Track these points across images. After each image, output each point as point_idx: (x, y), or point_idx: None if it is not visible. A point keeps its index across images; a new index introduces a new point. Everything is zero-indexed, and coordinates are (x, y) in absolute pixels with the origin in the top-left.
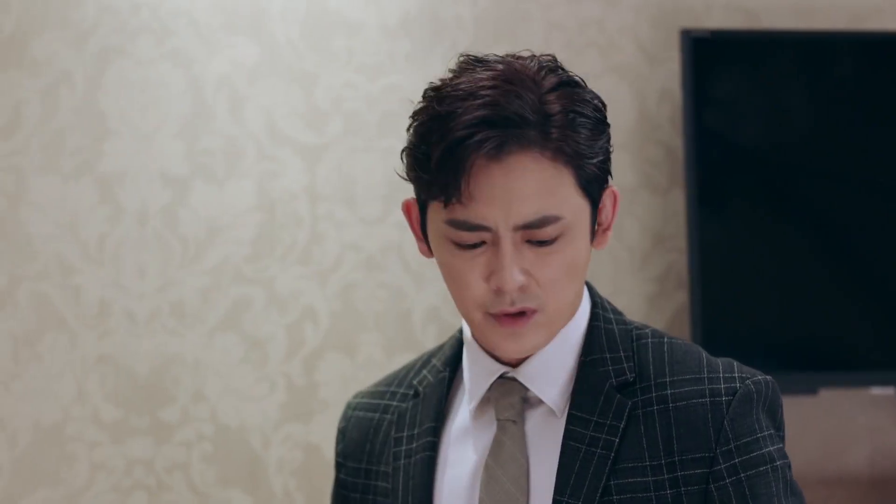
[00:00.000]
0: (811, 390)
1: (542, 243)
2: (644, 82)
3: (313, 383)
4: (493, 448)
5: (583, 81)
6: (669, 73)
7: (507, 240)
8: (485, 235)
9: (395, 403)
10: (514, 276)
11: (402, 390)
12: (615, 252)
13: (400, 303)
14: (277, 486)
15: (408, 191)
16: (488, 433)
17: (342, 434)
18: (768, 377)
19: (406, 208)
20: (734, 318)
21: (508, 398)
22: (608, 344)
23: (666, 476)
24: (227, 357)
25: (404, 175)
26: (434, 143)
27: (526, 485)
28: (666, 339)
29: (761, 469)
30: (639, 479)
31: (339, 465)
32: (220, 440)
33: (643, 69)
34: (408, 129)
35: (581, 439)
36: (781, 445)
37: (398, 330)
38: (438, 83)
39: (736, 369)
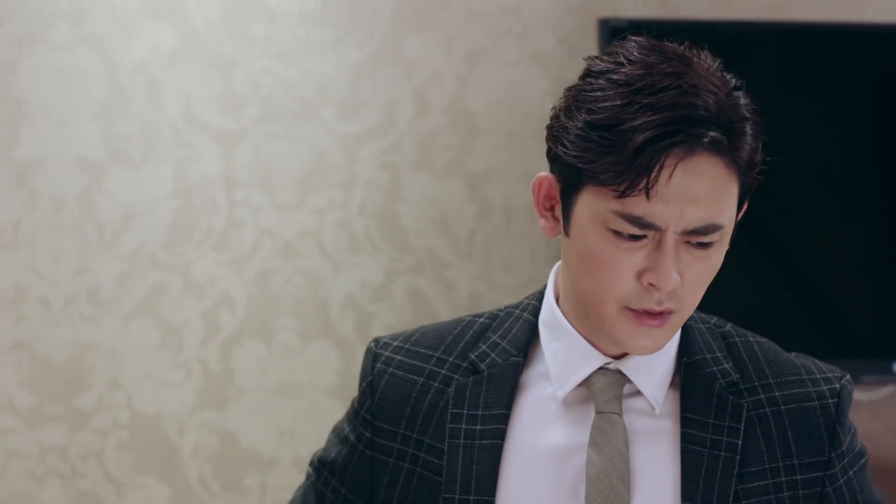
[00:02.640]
0: None
1: (700, 246)
2: (562, 71)
3: (229, 370)
4: (596, 440)
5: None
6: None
7: (671, 240)
8: (650, 232)
9: (443, 372)
10: (673, 277)
11: (452, 359)
12: (531, 241)
13: (317, 289)
14: (192, 472)
15: (326, 178)
16: (582, 423)
17: (371, 388)
18: (847, 374)
19: (538, 184)
20: None
21: (612, 390)
22: (704, 344)
23: (784, 479)
24: (143, 343)
25: (560, 152)
26: (626, 133)
27: (629, 482)
28: (750, 337)
29: (861, 463)
30: (761, 483)
31: (366, 423)
32: (135, 427)
33: (561, 58)
34: (571, 105)
35: (701, 443)
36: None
37: (315, 316)
38: (608, 63)
39: (825, 369)
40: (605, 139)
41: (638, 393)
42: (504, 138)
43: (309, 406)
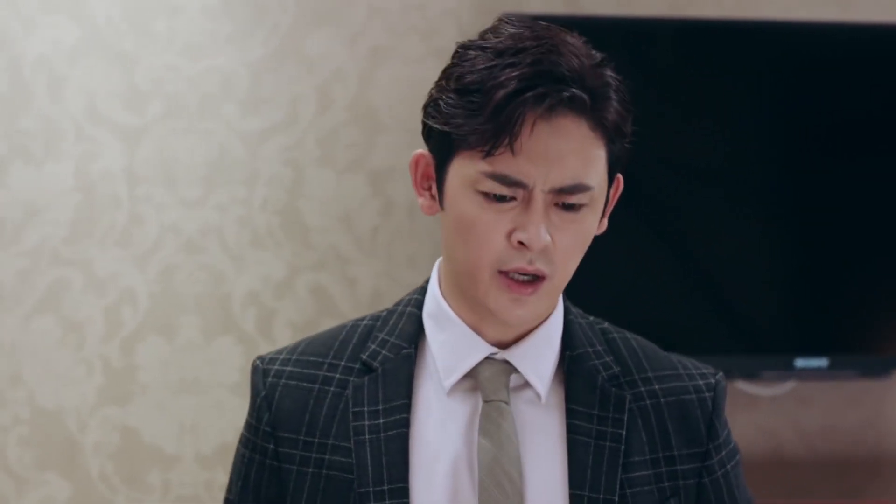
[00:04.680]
0: None
1: (568, 208)
2: None
3: (131, 366)
4: (485, 428)
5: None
6: None
7: (540, 200)
8: (518, 192)
9: (338, 376)
10: (542, 234)
11: (344, 363)
12: (434, 237)
13: (219, 286)
14: (94, 469)
15: (228, 175)
16: (469, 412)
17: (267, 402)
18: (721, 371)
19: (415, 161)
20: None
21: (500, 379)
22: (586, 338)
23: (664, 469)
24: (45, 340)
25: (432, 124)
26: (489, 92)
27: (521, 468)
28: (627, 334)
29: (736, 458)
30: (644, 473)
31: (267, 435)
32: (36, 423)
33: None
34: (442, 80)
35: (587, 433)
36: None
37: (217, 313)
38: (479, 39)
39: (700, 365)
40: (471, 102)
41: (525, 385)
42: (407, 135)
43: (211, 402)
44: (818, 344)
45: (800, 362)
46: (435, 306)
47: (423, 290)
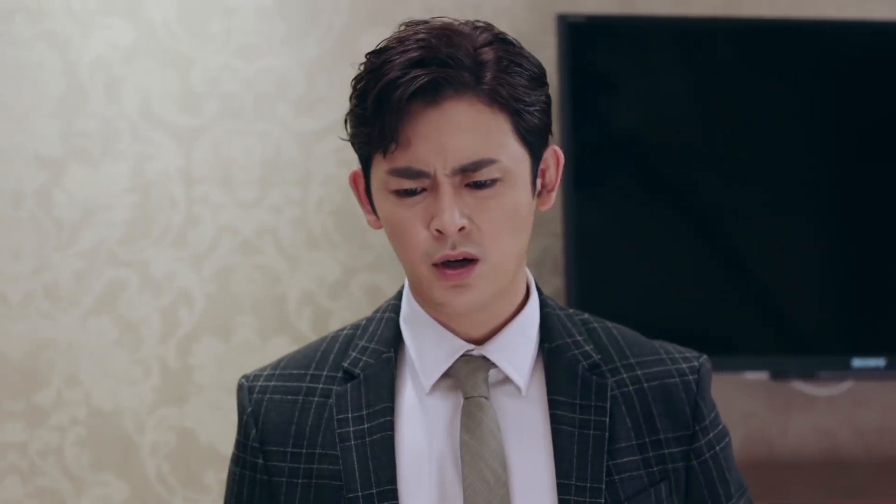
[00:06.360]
0: None
1: (480, 186)
2: None
3: (188, 366)
4: (467, 424)
5: (519, 44)
6: (546, 57)
7: (446, 184)
8: (424, 182)
9: (321, 386)
10: (453, 217)
11: (326, 373)
12: None
13: (275, 286)
14: (151, 469)
15: (283, 175)
16: (450, 410)
17: (254, 418)
18: (705, 355)
19: (353, 179)
20: (610, 304)
21: (478, 375)
22: (564, 330)
23: (652, 454)
24: (102, 340)
25: (348, 140)
26: (370, 91)
27: (506, 462)
28: (608, 323)
29: (726, 440)
30: (630, 459)
31: (255, 451)
32: (93, 424)
33: None
34: (350, 92)
35: (570, 423)
36: None
37: (273, 313)
38: (381, 44)
39: (683, 350)
40: (363, 108)
41: (505, 379)
42: None
43: None
44: (875, 344)
45: (857, 362)
46: (409, 310)
47: (399, 295)
